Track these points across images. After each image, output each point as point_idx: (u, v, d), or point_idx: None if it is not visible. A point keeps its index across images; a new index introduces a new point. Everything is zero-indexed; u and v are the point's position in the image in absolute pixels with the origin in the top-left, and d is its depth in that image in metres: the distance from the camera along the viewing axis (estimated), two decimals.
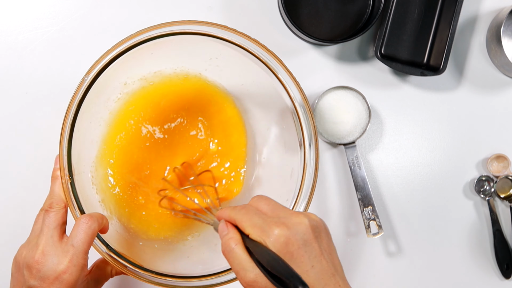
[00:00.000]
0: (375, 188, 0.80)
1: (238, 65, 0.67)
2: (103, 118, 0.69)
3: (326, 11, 0.79)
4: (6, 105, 0.77)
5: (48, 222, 0.57)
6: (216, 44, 0.63)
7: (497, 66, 0.81)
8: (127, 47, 0.61)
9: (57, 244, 0.56)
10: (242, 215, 0.51)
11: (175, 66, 0.70)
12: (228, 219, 0.52)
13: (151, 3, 0.78)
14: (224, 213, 0.53)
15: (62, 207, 0.59)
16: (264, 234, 0.48)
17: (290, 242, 0.48)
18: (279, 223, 0.49)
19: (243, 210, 0.52)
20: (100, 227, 0.58)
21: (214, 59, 0.68)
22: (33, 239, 0.58)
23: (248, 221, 0.50)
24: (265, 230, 0.49)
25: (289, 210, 0.52)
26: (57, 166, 0.61)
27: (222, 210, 0.54)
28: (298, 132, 0.66)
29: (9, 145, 0.77)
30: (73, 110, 0.60)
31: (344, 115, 0.77)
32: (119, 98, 0.69)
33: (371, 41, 0.81)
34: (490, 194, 0.80)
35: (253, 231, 0.49)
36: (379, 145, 0.81)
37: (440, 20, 0.80)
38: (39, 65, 0.77)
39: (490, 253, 0.81)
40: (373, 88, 0.80)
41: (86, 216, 0.57)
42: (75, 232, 0.56)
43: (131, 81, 0.69)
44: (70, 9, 0.77)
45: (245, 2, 0.79)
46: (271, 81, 0.65)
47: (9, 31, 0.77)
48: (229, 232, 0.51)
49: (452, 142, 0.82)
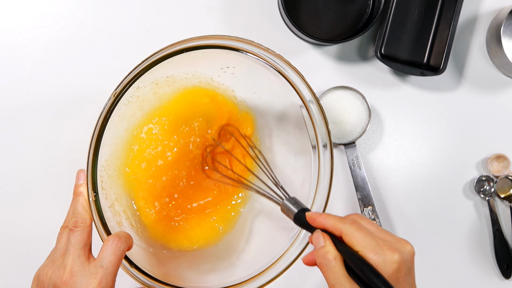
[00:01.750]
0: (375, 188, 0.80)
1: (250, 73, 0.67)
2: (114, 123, 0.68)
3: (326, 11, 0.79)
4: (6, 105, 0.77)
5: (74, 242, 0.55)
6: (233, 54, 0.63)
7: (497, 66, 0.81)
8: (153, 61, 0.59)
9: (85, 264, 0.54)
10: (353, 231, 0.51)
11: (187, 72, 0.69)
12: (332, 228, 0.52)
13: (151, 3, 0.78)
14: (327, 221, 0.53)
15: (87, 225, 0.57)
16: (377, 257, 0.49)
17: (400, 268, 0.49)
18: (392, 247, 0.50)
19: (354, 225, 0.51)
20: (127, 247, 0.57)
21: (231, 67, 0.68)
22: (58, 258, 0.56)
23: (360, 239, 0.50)
24: (378, 252, 0.49)
25: (390, 233, 0.53)
26: (79, 182, 0.59)
27: (322, 217, 0.53)
28: (311, 138, 0.66)
29: (9, 145, 0.77)
30: (98, 127, 0.58)
31: (344, 115, 0.77)
32: (129, 101, 0.68)
33: (371, 41, 0.81)
34: (490, 194, 0.80)
35: (364, 251, 0.49)
36: (379, 145, 0.81)
37: (440, 20, 0.80)
38: (39, 65, 0.77)
39: (490, 253, 0.81)
40: (373, 88, 0.80)
41: (115, 237, 0.55)
42: (104, 254, 0.54)
43: (143, 85, 0.68)
44: (70, 9, 0.77)
45: (245, 2, 0.79)
46: (281, 85, 0.65)
47: (9, 31, 0.77)
48: (326, 246, 0.51)
49: (452, 142, 0.82)
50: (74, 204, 0.59)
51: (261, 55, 0.62)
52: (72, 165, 0.76)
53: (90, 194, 0.58)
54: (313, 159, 0.67)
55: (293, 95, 0.65)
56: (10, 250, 0.76)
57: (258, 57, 0.62)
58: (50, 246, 0.75)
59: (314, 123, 0.65)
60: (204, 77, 0.70)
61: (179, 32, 0.78)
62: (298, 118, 0.67)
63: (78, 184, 0.60)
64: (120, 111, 0.67)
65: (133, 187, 0.69)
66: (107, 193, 0.66)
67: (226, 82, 0.71)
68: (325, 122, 0.65)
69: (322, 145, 0.66)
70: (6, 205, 0.77)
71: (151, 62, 0.59)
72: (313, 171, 0.67)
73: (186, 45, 0.60)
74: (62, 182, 0.76)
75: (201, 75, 0.70)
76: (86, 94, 0.77)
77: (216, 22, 0.79)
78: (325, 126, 0.65)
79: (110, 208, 0.65)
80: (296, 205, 0.57)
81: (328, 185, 0.65)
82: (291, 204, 0.57)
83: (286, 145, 0.73)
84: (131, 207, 0.69)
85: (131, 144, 0.69)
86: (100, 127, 0.58)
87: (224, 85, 0.71)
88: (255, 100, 0.72)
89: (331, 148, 0.65)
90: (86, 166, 0.58)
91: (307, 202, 0.67)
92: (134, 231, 0.68)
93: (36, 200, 0.76)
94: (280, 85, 0.64)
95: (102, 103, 0.77)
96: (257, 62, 0.62)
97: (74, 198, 0.60)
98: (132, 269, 0.60)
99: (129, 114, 0.69)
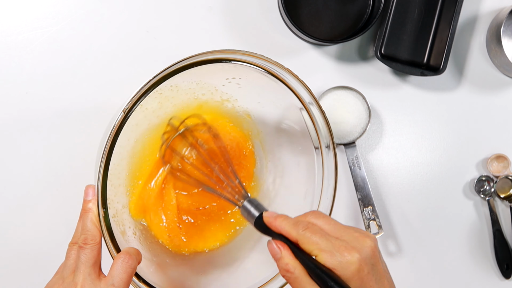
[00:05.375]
0: (375, 188, 0.80)
1: (254, 84, 0.66)
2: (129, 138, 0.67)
3: (326, 11, 0.79)
4: (6, 105, 0.76)
5: (85, 260, 0.54)
6: (239, 66, 0.62)
7: (497, 66, 0.81)
8: (161, 77, 0.58)
9: (96, 282, 0.53)
10: (308, 237, 0.49)
11: (192, 81, 0.69)
12: (288, 235, 0.50)
13: (151, 4, 0.78)
14: (282, 228, 0.51)
15: (97, 242, 0.56)
16: (334, 260, 0.47)
17: (361, 268, 0.47)
18: (349, 248, 0.47)
19: (307, 231, 0.49)
20: (137, 264, 0.56)
21: (237, 78, 0.68)
22: (68, 276, 0.55)
23: (314, 244, 0.48)
24: (335, 255, 0.47)
25: (349, 228, 0.50)
26: (88, 198, 0.58)
27: (278, 222, 0.51)
28: (314, 140, 0.66)
29: (9, 145, 0.77)
30: (108, 143, 0.56)
31: (344, 115, 0.77)
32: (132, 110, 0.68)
33: (371, 41, 0.81)
34: (490, 194, 0.80)
35: (321, 255, 0.47)
36: (379, 145, 0.81)
37: (440, 20, 0.79)
38: (39, 65, 0.77)
39: (490, 253, 0.81)
40: (373, 88, 0.80)
41: (126, 254, 0.54)
42: (115, 271, 0.53)
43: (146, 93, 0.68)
44: (70, 9, 0.77)
45: (245, 2, 0.79)
46: (284, 94, 0.65)
47: (9, 31, 0.77)
48: (284, 257, 0.49)
49: (452, 142, 0.82)
50: (84, 220, 0.58)
51: (259, 64, 0.62)
52: (72, 165, 0.76)
53: (100, 211, 0.57)
54: (317, 161, 0.67)
55: (293, 100, 0.65)
56: (10, 250, 0.76)
57: (256, 66, 0.62)
58: (50, 247, 0.75)
59: (315, 126, 0.66)
60: (208, 86, 0.70)
61: (179, 32, 0.78)
62: (300, 123, 0.67)
63: (86, 200, 0.58)
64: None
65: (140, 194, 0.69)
66: (111, 202, 0.66)
67: (230, 91, 0.71)
68: (326, 124, 0.65)
69: (325, 146, 0.66)
70: (6, 206, 0.76)
71: (158, 78, 0.58)
72: (317, 172, 0.67)
73: (186, 62, 0.60)
74: (62, 182, 0.76)
75: (205, 84, 0.70)
76: (86, 94, 0.77)
77: (216, 22, 0.79)
78: (327, 127, 0.65)
79: (113, 218, 0.65)
80: (257, 208, 0.52)
81: (333, 185, 0.65)
82: (252, 207, 0.53)
83: (289, 153, 0.73)
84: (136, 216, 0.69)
85: (136, 154, 0.69)
86: (110, 145, 0.56)
87: (227, 94, 0.71)
88: (258, 109, 0.72)
89: (334, 148, 0.65)
90: (96, 184, 0.56)
91: (312, 204, 0.67)
92: (137, 240, 0.68)
93: (36, 201, 0.76)
94: (282, 93, 0.65)
95: (102, 103, 0.78)
96: (259, 71, 0.62)
97: (83, 214, 0.58)
98: (140, 284, 0.59)
99: (132, 123, 0.68)
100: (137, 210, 0.69)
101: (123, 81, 0.77)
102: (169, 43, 0.78)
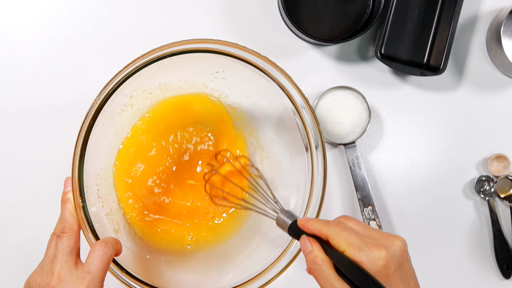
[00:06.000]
0: (375, 188, 0.80)
1: (241, 77, 0.67)
2: (110, 132, 0.68)
3: (326, 11, 0.79)
4: (6, 105, 0.77)
5: (62, 248, 0.56)
6: (221, 58, 0.63)
7: (497, 66, 0.81)
8: (137, 67, 0.60)
9: (72, 270, 0.55)
10: (338, 232, 0.51)
11: (180, 78, 0.69)
12: (319, 233, 0.53)
13: (151, 4, 0.78)
14: (314, 227, 0.53)
15: (74, 231, 0.58)
16: (362, 254, 0.49)
17: (388, 264, 0.49)
18: (378, 244, 0.49)
19: (338, 227, 0.51)
20: (115, 253, 0.57)
21: (221, 72, 0.68)
22: (46, 264, 0.57)
23: (344, 239, 0.50)
24: (364, 250, 0.49)
25: (379, 231, 0.53)
26: (67, 189, 0.60)
27: (310, 223, 0.54)
28: (303, 138, 0.66)
29: (9, 145, 0.77)
30: (83, 133, 0.59)
31: (344, 115, 0.77)
32: (123, 110, 0.68)
33: (371, 41, 0.81)
34: (490, 194, 0.80)
35: (350, 250, 0.49)
36: (379, 145, 0.81)
37: (440, 20, 0.80)
38: (39, 65, 0.77)
39: (490, 253, 0.81)
40: (373, 88, 0.80)
41: (102, 243, 0.56)
42: (91, 259, 0.55)
43: (136, 94, 0.68)
44: (70, 9, 0.77)
45: (245, 2, 0.79)
46: (273, 90, 0.65)
47: (9, 31, 0.77)
48: (314, 250, 0.52)
49: (452, 142, 0.82)
50: (62, 210, 0.60)
51: (249, 59, 0.62)
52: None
53: (78, 200, 0.59)
54: (307, 161, 0.67)
55: (284, 98, 0.65)
56: (10, 250, 0.76)
57: (245, 61, 0.62)
58: None
59: (305, 125, 0.65)
60: (197, 83, 0.70)
61: (179, 32, 0.78)
62: (291, 121, 0.67)
63: (65, 191, 0.61)
64: (115, 120, 0.67)
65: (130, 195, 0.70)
66: (105, 201, 0.66)
67: (219, 87, 0.71)
68: (316, 123, 0.65)
69: (315, 146, 0.65)
70: (6, 206, 0.77)
71: (133, 68, 0.59)
72: (307, 173, 0.67)
73: (166, 50, 0.61)
74: (62, 182, 0.76)
75: (194, 81, 0.70)
76: (86, 94, 0.77)
77: (216, 22, 0.79)
78: (316, 127, 0.65)
79: (107, 216, 0.66)
80: (291, 217, 0.57)
81: (322, 185, 0.65)
82: (286, 217, 0.57)
83: (281, 147, 0.73)
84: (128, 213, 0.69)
85: (128, 154, 0.69)
86: (84, 135, 0.59)
87: (217, 90, 0.71)
88: (248, 104, 0.72)
89: (323, 148, 0.64)
90: (72, 173, 0.58)
91: (303, 203, 0.67)
92: (132, 238, 0.68)
93: (36, 201, 0.76)
94: (270, 87, 0.65)
95: None
96: (245, 66, 0.63)
97: (62, 205, 0.60)
98: (122, 275, 0.60)
99: (125, 123, 0.69)
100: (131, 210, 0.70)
101: None
102: (169, 42, 0.78)
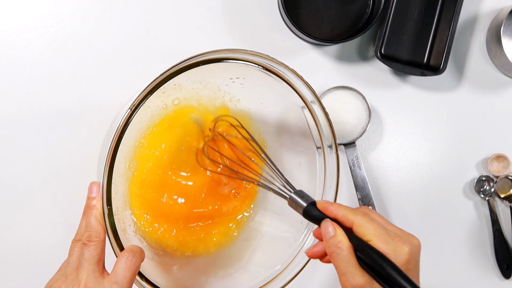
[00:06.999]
0: (375, 188, 0.80)
1: (258, 84, 0.67)
2: (131, 137, 0.67)
3: (326, 11, 0.79)
4: (6, 105, 0.76)
5: (89, 257, 0.54)
6: (244, 66, 0.63)
7: (497, 66, 0.81)
8: (161, 79, 0.58)
9: (99, 280, 0.54)
10: (366, 221, 0.52)
11: (195, 80, 0.69)
12: (343, 219, 0.53)
13: (151, 4, 0.78)
14: (338, 211, 0.54)
15: (101, 239, 0.56)
16: (389, 247, 0.50)
17: (410, 260, 0.50)
18: (403, 240, 0.51)
19: (366, 217, 0.52)
20: (141, 262, 0.56)
21: (241, 78, 0.68)
22: (71, 273, 0.55)
23: (372, 229, 0.51)
24: (390, 243, 0.50)
25: (399, 228, 0.54)
26: (92, 195, 0.58)
27: (334, 207, 0.54)
28: (316, 140, 0.66)
29: (9, 145, 0.77)
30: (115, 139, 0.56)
31: (344, 115, 0.77)
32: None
33: (371, 41, 0.81)
34: (490, 194, 0.80)
35: (376, 240, 0.50)
36: (379, 145, 0.81)
37: (440, 20, 0.79)
38: (39, 65, 0.77)
39: (490, 253, 0.81)
40: (373, 88, 0.80)
41: (130, 252, 0.55)
42: (118, 269, 0.54)
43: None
44: (70, 9, 0.77)
45: (245, 2, 0.79)
46: (285, 91, 0.65)
47: (9, 31, 0.77)
48: (338, 235, 0.52)
49: (452, 142, 0.82)
50: (88, 217, 0.57)
51: (262, 63, 0.62)
52: (72, 165, 0.76)
53: (105, 208, 0.56)
54: (318, 161, 0.67)
55: (296, 100, 0.65)
56: (10, 250, 0.76)
57: (260, 65, 0.62)
58: (50, 247, 0.75)
59: (318, 125, 0.66)
60: (211, 86, 0.70)
61: (179, 32, 0.78)
62: (302, 123, 0.67)
63: (91, 197, 0.58)
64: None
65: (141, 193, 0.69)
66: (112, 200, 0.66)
67: (232, 91, 0.71)
68: (329, 123, 0.65)
69: (327, 146, 0.66)
70: (6, 206, 0.76)
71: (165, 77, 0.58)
72: (319, 172, 0.67)
73: (192, 61, 0.60)
74: (62, 182, 0.76)
75: (208, 83, 0.70)
76: (86, 94, 0.77)
77: (216, 22, 0.79)
78: (329, 127, 0.65)
79: (114, 216, 0.65)
80: (304, 198, 0.57)
81: (335, 184, 0.65)
82: (299, 198, 0.57)
83: (291, 150, 0.73)
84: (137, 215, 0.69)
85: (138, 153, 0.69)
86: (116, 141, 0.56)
87: (230, 94, 0.71)
88: (260, 109, 0.72)
89: (336, 147, 0.65)
90: (102, 180, 0.56)
91: None
92: (138, 239, 0.68)
93: (36, 201, 0.76)
94: (284, 91, 0.65)
95: (102, 103, 0.78)
96: (262, 71, 0.62)
97: (87, 211, 0.58)
98: (142, 282, 0.59)
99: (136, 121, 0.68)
100: (140, 208, 0.69)
101: (123, 81, 0.77)
102: (169, 43, 0.78)
